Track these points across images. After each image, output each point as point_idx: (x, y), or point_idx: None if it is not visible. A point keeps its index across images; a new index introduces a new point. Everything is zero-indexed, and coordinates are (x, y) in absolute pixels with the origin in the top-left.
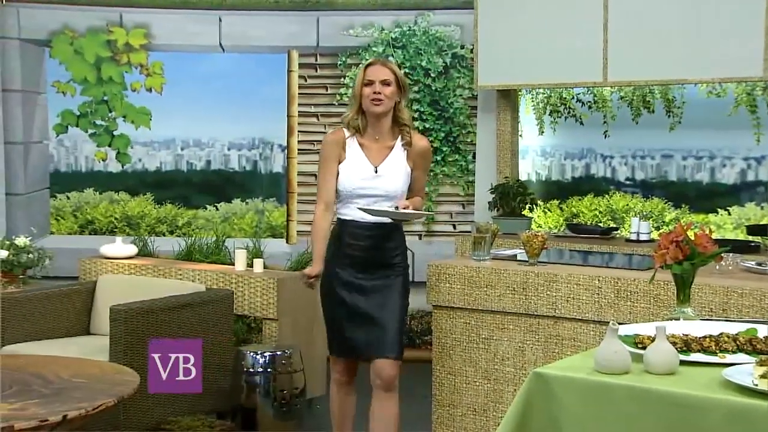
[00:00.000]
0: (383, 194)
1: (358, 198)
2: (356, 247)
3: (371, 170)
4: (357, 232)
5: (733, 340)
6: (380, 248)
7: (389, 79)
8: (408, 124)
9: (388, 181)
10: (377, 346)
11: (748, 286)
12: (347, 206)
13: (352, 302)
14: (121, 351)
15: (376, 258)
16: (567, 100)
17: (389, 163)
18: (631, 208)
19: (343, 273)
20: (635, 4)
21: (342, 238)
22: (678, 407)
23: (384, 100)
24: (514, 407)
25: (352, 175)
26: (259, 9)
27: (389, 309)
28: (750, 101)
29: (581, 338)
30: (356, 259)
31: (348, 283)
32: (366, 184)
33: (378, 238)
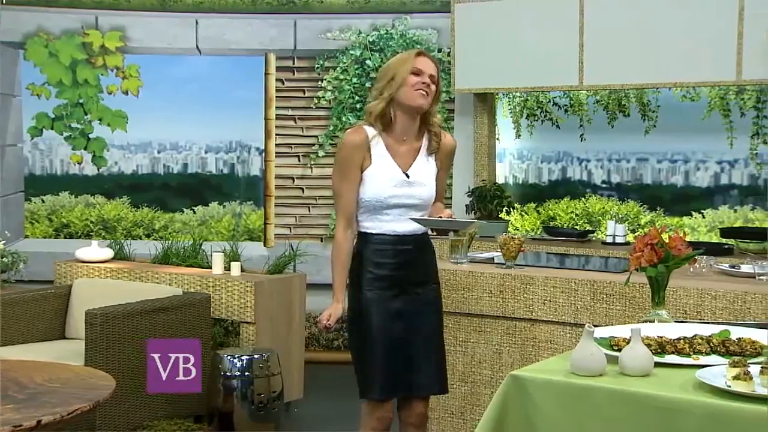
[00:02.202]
0: (416, 203)
1: (388, 209)
2: (387, 266)
3: (402, 176)
4: (386, 249)
5: (707, 342)
6: (415, 264)
7: (436, 76)
8: (440, 125)
9: (420, 188)
10: (427, 382)
11: (722, 289)
12: (373, 219)
13: (389, 331)
14: (96, 355)
15: (411, 276)
16: (543, 104)
17: (419, 168)
18: (607, 211)
19: (374, 297)
20: (610, 9)
21: (366, 255)
22: (653, 408)
23: (429, 93)
24: (491, 410)
25: (382, 182)
26: (236, 12)
27: (432, 336)
28: (723, 105)
29: (558, 340)
30: (388, 279)
31: (382, 309)
32: (398, 192)
33: (412, 253)
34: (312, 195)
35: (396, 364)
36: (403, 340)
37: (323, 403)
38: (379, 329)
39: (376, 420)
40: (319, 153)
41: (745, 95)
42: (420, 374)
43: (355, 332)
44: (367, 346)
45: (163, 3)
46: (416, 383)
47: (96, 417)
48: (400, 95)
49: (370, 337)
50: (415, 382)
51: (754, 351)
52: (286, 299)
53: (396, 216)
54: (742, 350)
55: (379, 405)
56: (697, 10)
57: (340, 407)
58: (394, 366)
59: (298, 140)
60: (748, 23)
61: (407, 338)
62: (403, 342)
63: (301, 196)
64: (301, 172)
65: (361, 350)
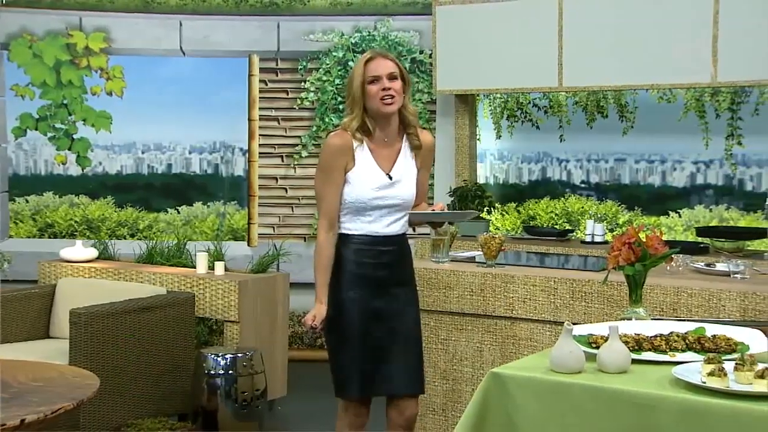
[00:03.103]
0: (398, 203)
1: (371, 210)
2: (368, 266)
3: (384, 177)
4: (367, 250)
5: (683, 339)
6: (394, 265)
7: (395, 72)
8: (415, 123)
9: (403, 188)
10: (404, 382)
11: (698, 287)
12: (355, 220)
13: (369, 331)
14: (81, 354)
15: (391, 277)
16: (524, 105)
17: (400, 168)
18: (586, 211)
19: (354, 297)
20: (589, 13)
21: (347, 256)
22: (630, 405)
23: (396, 96)
24: (472, 406)
25: (366, 184)
26: (219, 14)
27: (410, 337)
28: (699, 107)
29: (537, 338)
30: (368, 279)
31: (362, 309)
32: (381, 194)
33: (392, 254)
34: (295, 195)
35: (374, 364)
36: (382, 340)
37: (306, 401)
38: (359, 329)
39: (353, 416)
40: (302, 153)
41: (720, 97)
42: (399, 374)
43: (335, 332)
44: (346, 345)
45: (147, 4)
46: (395, 383)
47: (80, 416)
48: (368, 107)
49: (349, 337)
50: (393, 382)
51: (729, 348)
52: (270, 298)
53: (378, 217)
54: (717, 347)
55: (355, 404)
56: (673, 13)
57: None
58: (372, 366)
59: (282, 141)
60: (722, 27)
61: (386, 338)
62: (382, 342)
63: (284, 196)
64: (285, 173)
65: (340, 350)
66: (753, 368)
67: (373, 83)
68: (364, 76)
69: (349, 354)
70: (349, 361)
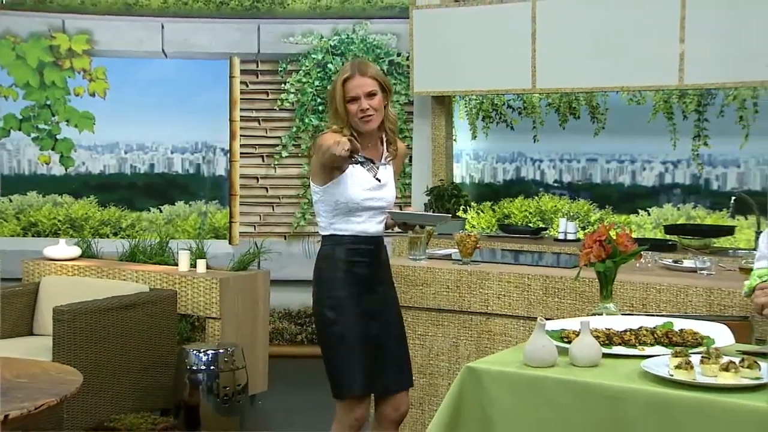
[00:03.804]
0: (384, 205)
1: (362, 211)
2: (361, 265)
3: (373, 180)
4: (360, 249)
5: (651, 333)
6: (380, 264)
7: (374, 89)
8: (394, 130)
9: (388, 191)
10: (401, 377)
11: (666, 283)
12: (346, 221)
13: (364, 329)
14: (64, 351)
15: (377, 275)
16: (498, 106)
17: (384, 172)
18: (558, 209)
19: (349, 296)
20: (562, 17)
21: (339, 256)
22: (601, 397)
23: (374, 114)
24: (448, 400)
25: (358, 186)
26: (201, 16)
27: (398, 333)
28: (667, 108)
29: (512, 333)
30: (358, 278)
31: (358, 307)
32: (371, 195)
33: (379, 253)
34: (276, 194)
35: (373, 361)
36: (376, 338)
37: (287, 395)
38: (356, 327)
39: (354, 419)
40: (282, 153)
41: (687, 99)
42: (392, 370)
43: (332, 332)
44: (345, 344)
45: (129, 7)
46: (391, 380)
47: (63, 411)
48: (351, 122)
49: (348, 335)
50: (389, 378)
51: (695, 342)
52: (251, 295)
53: (367, 218)
54: (684, 341)
55: (357, 403)
56: (643, 18)
57: (304, 399)
58: (370, 362)
59: (262, 141)
60: (689, 31)
61: (380, 335)
62: (376, 339)
63: (265, 195)
64: (265, 172)
65: (338, 349)
66: (718, 361)
67: (351, 102)
68: (343, 96)
69: (349, 352)
70: (350, 360)
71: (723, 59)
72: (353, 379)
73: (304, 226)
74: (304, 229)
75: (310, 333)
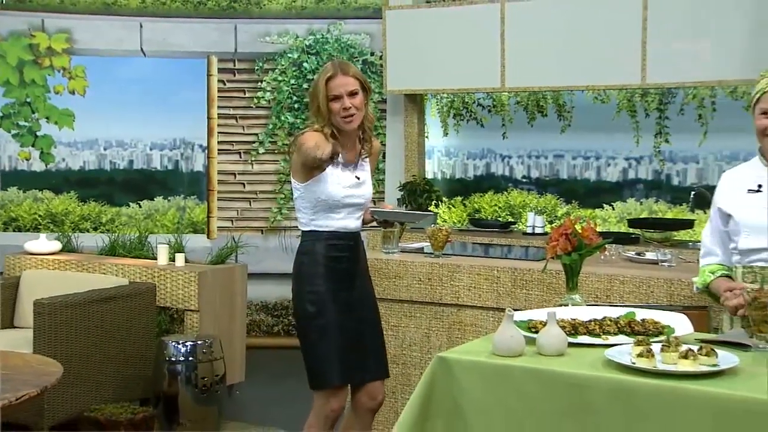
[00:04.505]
0: (362, 202)
1: (342, 207)
2: (341, 260)
3: (353, 177)
4: (339, 244)
5: (615, 323)
6: (359, 258)
7: (356, 88)
8: (371, 128)
9: (366, 189)
10: (377, 368)
11: (629, 274)
12: (326, 217)
13: (343, 322)
14: (45, 343)
15: (356, 269)
16: (469, 105)
17: (362, 170)
18: (527, 204)
19: (329, 290)
20: (529, 18)
21: (319, 252)
22: (566, 385)
23: (356, 113)
24: (420, 388)
25: (338, 184)
26: (179, 16)
27: (375, 324)
28: (630, 107)
29: (481, 324)
30: (338, 273)
31: (337, 301)
32: (350, 192)
33: (357, 248)
34: (253, 190)
35: (351, 353)
36: (355, 330)
37: (264, 385)
38: (336, 321)
39: (330, 410)
40: (259, 150)
41: (649, 98)
42: (369, 361)
43: (313, 325)
44: (325, 336)
45: (108, 7)
46: (368, 370)
47: (44, 402)
48: (332, 120)
49: (328, 328)
50: (367, 369)
51: (656, 331)
52: (229, 288)
53: (346, 214)
54: (646, 330)
55: (334, 394)
56: (606, 20)
57: (280, 389)
58: (350, 354)
59: (239, 138)
60: (650, 33)
61: (358, 328)
62: (355, 332)
63: (242, 190)
64: (242, 168)
65: (319, 342)
66: (678, 349)
67: (334, 101)
68: (326, 94)
69: (328, 345)
70: (328, 352)
71: (683, 59)
72: (331, 370)
73: (281, 221)
74: (280, 224)
75: (287, 325)
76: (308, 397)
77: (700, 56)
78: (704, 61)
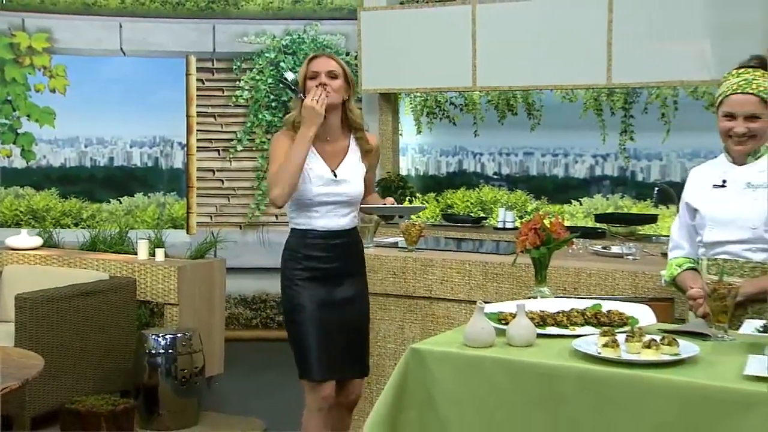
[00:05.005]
0: (345, 200)
1: (317, 206)
2: (319, 259)
3: (329, 175)
4: (318, 244)
5: (582, 314)
6: (344, 257)
7: (336, 71)
8: (361, 127)
9: (350, 187)
10: (360, 366)
11: (596, 267)
12: (304, 215)
13: (321, 320)
14: (26, 337)
15: (342, 268)
16: (441, 103)
17: (347, 167)
18: (498, 200)
19: (309, 289)
20: (500, 20)
21: (298, 250)
22: (535, 374)
23: (330, 93)
24: (393, 379)
25: (310, 183)
26: (158, 16)
27: (358, 324)
28: (596, 106)
29: (454, 316)
30: (319, 271)
31: (316, 300)
32: (324, 191)
33: (342, 247)
34: (231, 186)
35: (331, 350)
36: (336, 328)
37: (242, 377)
38: (314, 319)
39: (321, 398)
40: (237, 147)
41: (614, 97)
42: (347, 360)
43: (293, 323)
44: (303, 335)
45: (88, 7)
46: (345, 368)
47: (26, 394)
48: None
49: (307, 326)
50: (349, 365)
51: (621, 322)
52: (208, 282)
53: (324, 213)
54: (611, 321)
55: (319, 386)
56: (574, 22)
57: (258, 381)
58: (329, 352)
59: (218, 135)
60: (615, 34)
61: (337, 327)
62: (337, 329)
63: (221, 187)
64: (221, 165)
65: (299, 339)
66: (641, 339)
67: (312, 79)
68: (306, 72)
69: (307, 340)
70: (308, 349)
71: (647, 60)
72: (311, 366)
73: (259, 217)
74: (258, 220)
75: (265, 318)
76: (286, 388)
77: (663, 57)
78: (667, 62)
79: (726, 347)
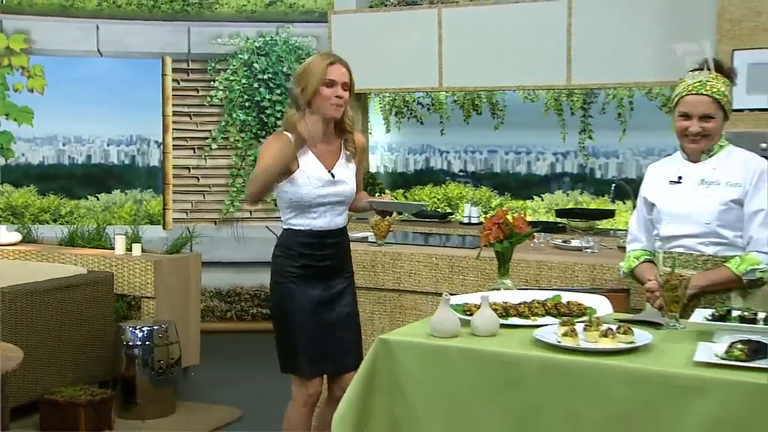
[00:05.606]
0: (341, 200)
1: (315, 207)
2: (313, 258)
3: (327, 176)
4: (313, 243)
5: (543, 305)
6: (337, 255)
7: (348, 82)
8: (353, 129)
9: (343, 187)
10: (350, 360)
11: (556, 260)
12: (301, 216)
13: (315, 317)
14: (6, 330)
15: (334, 266)
16: (409, 103)
17: (341, 168)
18: (463, 196)
19: (303, 287)
20: (465, 23)
21: (293, 249)
22: (499, 363)
23: (344, 105)
24: (363, 369)
25: (309, 185)
26: (134, 18)
27: (350, 318)
28: (557, 106)
29: (421, 308)
30: (313, 270)
31: (309, 298)
32: (324, 192)
33: (335, 246)
34: (206, 183)
35: (323, 347)
36: (327, 324)
37: (217, 368)
38: (305, 318)
39: (308, 395)
40: (212, 146)
41: (574, 97)
42: (341, 353)
43: (284, 319)
44: (295, 330)
45: (66, 9)
46: (338, 362)
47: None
48: (314, 104)
49: (299, 323)
50: (336, 361)
51: (580, 312)
52: (184, 276)
53: (321, 213)
54: (571, 311)
55: (308, 381)
56: (535, 25)
57: (233, 371)
58: (320, 348)
59: (193, 134)
60: (575, 37)
61: (330, 322)
62: (327, 326)
63: (196, 184)
64: (196, 163)
65: (287, 334)
66: (599, 329)
67: (329, 86)
68: (323, 76)
69: (297, 337)
70: (298, 343)
71: (604, 62)
72: (300, 363)
73: (233, 213)
74: (233, 215)
75: (239, 310)
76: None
77: (620, 60)
78: (623, 65)
79: (677, 335)
